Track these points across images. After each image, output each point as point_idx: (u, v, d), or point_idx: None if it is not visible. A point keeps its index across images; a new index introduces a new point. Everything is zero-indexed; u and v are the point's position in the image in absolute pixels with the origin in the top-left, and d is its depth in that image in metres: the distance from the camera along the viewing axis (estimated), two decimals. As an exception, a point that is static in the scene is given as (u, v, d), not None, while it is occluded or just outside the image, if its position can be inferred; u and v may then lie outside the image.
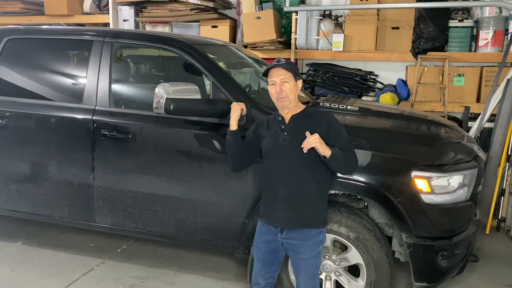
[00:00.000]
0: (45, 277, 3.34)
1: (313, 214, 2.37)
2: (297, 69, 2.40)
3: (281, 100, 2.33)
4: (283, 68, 2.32)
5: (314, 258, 2.39)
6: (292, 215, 2.35)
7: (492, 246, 3.98)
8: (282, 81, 2.32)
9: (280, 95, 2.32)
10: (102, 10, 6.09)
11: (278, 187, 2.37)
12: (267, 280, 2.52)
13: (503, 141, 4.08)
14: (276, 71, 2.33)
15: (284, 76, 2.31)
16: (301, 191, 2.34)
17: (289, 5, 5.12)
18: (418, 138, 2.94)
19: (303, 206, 2.35)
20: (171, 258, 3.67)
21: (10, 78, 3.43)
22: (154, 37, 3.30)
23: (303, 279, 2.42)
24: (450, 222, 2.73)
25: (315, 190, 2.37)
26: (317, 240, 2.39)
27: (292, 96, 2.34)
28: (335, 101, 3.41)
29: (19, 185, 3.38)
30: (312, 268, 2.41)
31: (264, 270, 2.50)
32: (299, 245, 2.37)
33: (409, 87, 4.99)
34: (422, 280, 2.72)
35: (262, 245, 2.48)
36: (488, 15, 4.74)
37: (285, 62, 2.34)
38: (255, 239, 2.53)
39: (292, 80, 2.33)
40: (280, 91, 2.31)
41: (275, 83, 2.33)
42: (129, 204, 3.13)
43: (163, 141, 3.05)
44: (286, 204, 2.35)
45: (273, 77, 2.34)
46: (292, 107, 2.38)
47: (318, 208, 2.40)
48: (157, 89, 2.80)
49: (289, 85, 2.32)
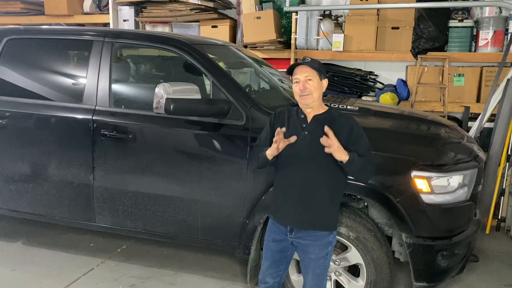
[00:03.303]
0: (45, 277, 3.35)
1: (324, 217, 2.34)
2: (322, 68, 2.34)
3: (304, 98, 2.28)
4: (308, 65, 2.28)
5: (323, 259, 2.37)
6: (302, 215, 2.32)
7: (492, 246, 3.98)
8: (306, 78, 2.27)
9: (304, 92, 2.27)
10: (102, 10, 6.09)
11: (291, 186, 2.34)
12: (275, 279, 2.50)
13: (503, 141, 4.08)
14: (301, 69, 2.29)
15: (308, 74, 2.27)
16: (314, 193, 2.31)
17: (289, 5, 5.12)
18: (418, 138, 2.94)
19: (314, 208, 2.31)
20: (171, 258, 3.68)
21: (10, 78, 3.42)
22: (154, 37, 3.30)
23: (311, 279, 2.41)
24: (450, 222, 2.73)
25: (328, 194, 2.33)
26: (327, 241, 2.36)
27: (316, 95, 2.29)
28: (335, 101, 3.41)
29: (20, 185, 3.37)
30: (320, 268, 2.39)
31: (272, 268, 2.48)
32: (308, 245, 2.35)
33: (409, 87, 4.99)
34: (422, 280, 2.72)
35: (271, 244, 2.46)
36: (488, 15, 4.74)
37: (311, 60, 2.30)
38: (266, 237, 2.50)
39: (316, 78, 2.29)
40: (304, 88, 2.26)
41: (299, 80, 2.28)
42: (129, 204, 3.13)
43: (163, 141, 3.05)
44: (297, 204, 2.32)
45: (297, 74, 2.29)
46: (315, 106, 2.33)
47: (329, 211, 2.36)
48: (157, 89, 2.80)
49: (313, 83, 2.28)
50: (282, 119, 2.40)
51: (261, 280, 2.53)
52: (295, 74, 2.31)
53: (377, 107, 3.62)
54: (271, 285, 2.51)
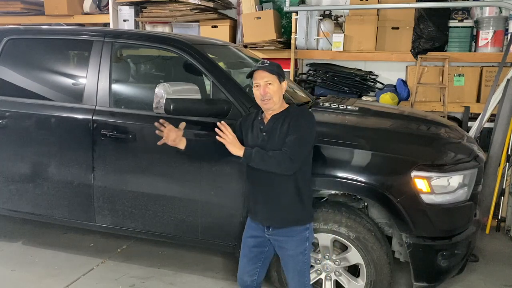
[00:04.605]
0: (45, 277, 3.35)
1: (293, 213, 2.38)
2: (281, 71, 2.38)
3: (265, 102, 2.34)
4: (266, 70, 2.32)
5: (301, 255, 2.40)
6: (271, 214, 2.39)
7: (492, 246, 3.98)
8: (266, 83, 2.32)
9: (264, 97, 2.32)
10: (102, 10, 6.09)
11: (258, 186, 2.41)
12: (252, 277, 2.52)
13: (503, 141, 4.08)
14: (260, 73, 2.33)
15: (268, 79, 2.32)
16: (279, 191, 2.36)
17: (289, 5, 5.12)
18: (418, 138, 2.94)
19: (281, 205, 2.36)
20: (171, 258, 3.68)
21: (10, 78, 3.42)
22: (154, 37, 3.30)
23: (293, 276, 2.44)
24: (450, 222, 2.73)
25: (294, 189, 2.36)
26: (303, 236, 2.40)
27: (276, 98, 2.34)
28: (335, 101, 3.41)
29: (20, 185, 3.37)
30: (300, 264, 2.41)
31: (249, 266, 2.51)
32: (284, 241, 2.39)
33: (409, 87, 5.00)
34: (422, 280, 2.73)
35: (248, 240, 2.50)
36: (488, 15, 4.74)
37: (269, 64, 2.34)
38: (244, 234, 2.55)
39: (276, 82, 2.34)
40: (264, 93, 2.31)
41: (259, 85, 2.33)
42: (129, 204, 3.13)
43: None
44: (266, 203, 2.39)
45: (257, 79, 2.34)
46: (276, 109, 2.38)
47: (298, 206, 2.39)
48: (157, 89, 2.80)
49: (273, 87, 2.32)
50: (248, 122, 2.48)
51: (239, 279, 2.57)
52: (255, 79, 2.36)
53: (377, 107, 3.62)
54: (249, 285, 2.53)
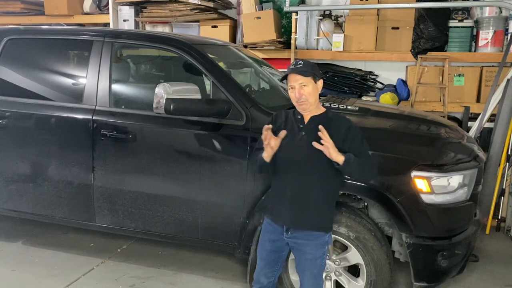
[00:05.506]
0: (45, 277, 3.34)
1: (318, 218, 2.34)
2: (315, 70, 2.32)
3: (301, 104, 2.28)
4: (299, 73, 2.26)
5: (319, 259, 2.38)
6: (297, 216, 2.33)
7: (492, 246, 3.98)
8: (300, 85, 2.26)
9: (300, 100, 2.27)
10: (102, 10, 6.08)
11: (287, 186, 2.34)
12: (269, 279, 2.51)
13: (503, 141, 4.08)
14: (294, 77, 2.27)
15: (302, 81, 2.26)
16: (310, 194, 2.31)
17: (289, 5, 5.12)
18: (418, 138, 2.94)
19: (310, 209, 2.32)
20: (171, 258, 3.68)
21: (10, 78, 3.42)
22: (154, 37, 3.30)
23: (308, 279, 2.41)
24: (450, 222, 2.73)
25: (323, 195, 2.33)
26: (323, 240, 2.36)
27: (312, 99, 2.29)
28: (335, 101, 3.41)
29: (20, 185, 3.37)
30: (317, 268, 2.39)
31: (267, 268, 2.49)
32: (304, 244, 2.35)
33: (409, 87, 4.99)
34: (422, 280, 2.72)
35: (267, 244, 2.46)
36: (488, 15, 4.74)
37: (302, 66, 2.27)
38: (261, 237, 2.51)
39: (311, 83, 2.27)
40: (300, 96, 2.26)
41: (294, 87, 2.28)
42: (129, 204, 3.13)
43: (163, 141, 3.05)
44: (293, 205, 2.33)
45: (291, 82, 2.28)
46: (313, 110, 2.33)
47: (324, 213, 2.36)
48: (157, 89, 2.81)
49: (308, 89, 2.26)
50: (280, 121, 2.40)
51: (255, 280, 2.54)
52: (289, 82, 2.31)
53: (377, 107, 3.62)
54: (265, 285, 2.52)
